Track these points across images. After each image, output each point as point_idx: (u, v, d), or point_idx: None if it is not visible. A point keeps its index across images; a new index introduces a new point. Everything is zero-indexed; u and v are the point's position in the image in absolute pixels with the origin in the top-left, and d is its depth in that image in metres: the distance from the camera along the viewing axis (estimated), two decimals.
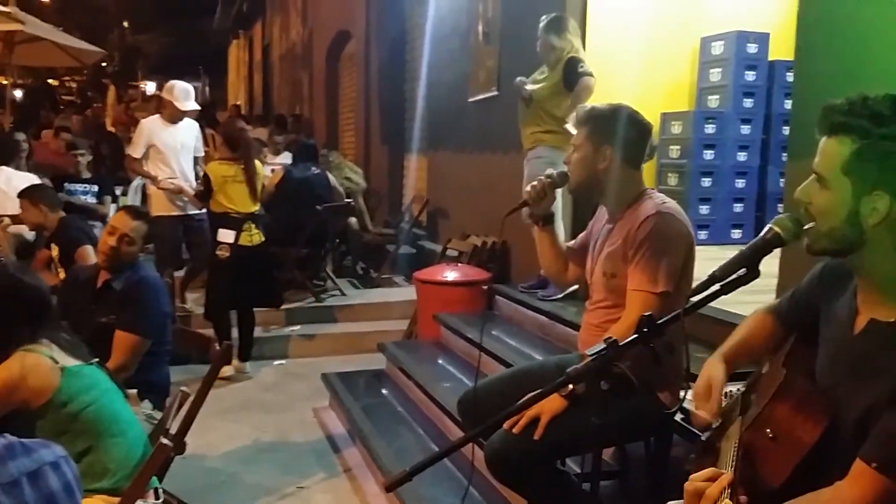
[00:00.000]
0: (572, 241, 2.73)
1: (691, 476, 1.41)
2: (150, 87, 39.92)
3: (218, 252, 5.08)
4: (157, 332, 3.13)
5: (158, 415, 2.94)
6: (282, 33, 16.54)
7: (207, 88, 37.79)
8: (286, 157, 7.50)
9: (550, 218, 2.59)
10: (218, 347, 3.06)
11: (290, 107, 14.99)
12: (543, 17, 4.46)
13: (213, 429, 4.21)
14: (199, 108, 5.92)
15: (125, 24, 34.35)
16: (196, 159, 5.86)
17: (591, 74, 4.24)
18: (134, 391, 2.97)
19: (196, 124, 5.98)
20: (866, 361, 1.48)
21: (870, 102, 1.38)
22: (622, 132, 2.38)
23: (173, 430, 2.53)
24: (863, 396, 1.46)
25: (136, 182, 8.08)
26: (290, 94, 15.79)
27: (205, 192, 5.16)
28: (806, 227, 1.48)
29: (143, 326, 3.06)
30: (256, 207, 5.24)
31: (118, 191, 7.44)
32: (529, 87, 4.45)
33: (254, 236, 5.17)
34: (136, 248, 3.23)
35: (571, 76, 4.26)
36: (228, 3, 19.26)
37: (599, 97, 4.35)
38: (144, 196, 8.29)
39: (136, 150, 5.60)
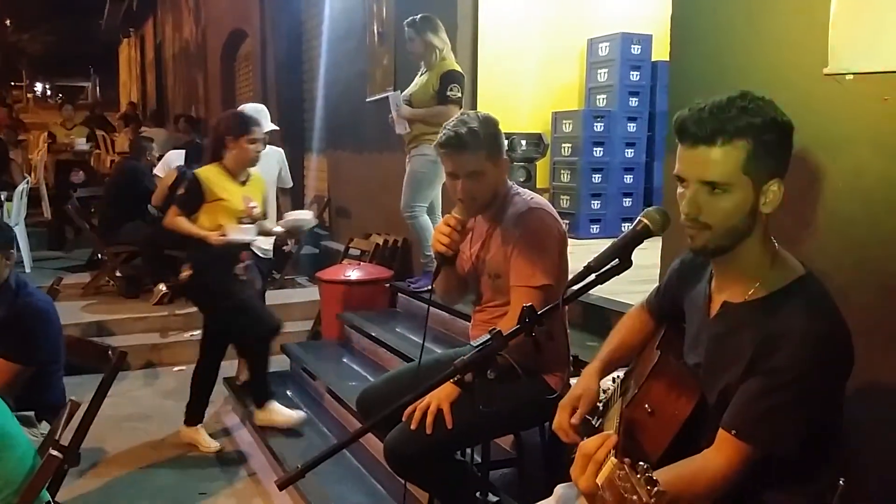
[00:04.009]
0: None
1: (581, 443, 1.49)
2: (40, 88, 38.11)
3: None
4: (50, 354, 2.93)
5: None
6: (174, 32, 16.06)
7: (98, 89, 36.40)
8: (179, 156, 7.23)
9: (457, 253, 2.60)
10: (111, 355, 2.98)
11: (186, 107, 14.59)
12: (412, 17, 4.43)
13: (111, 438, 4.10)
14: (276, 128, 4.86)
15: (7, 22, 32.69)
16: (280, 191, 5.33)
17: (459, 102, 4.22)
18: (31, 413, 2.81)
19: (281, 151, 5.23)
20: (720, 342, 1.59)
21: (739, 103, 1.44)
22: (502, 141, 2.45)
23: (67, 441, 2.47)
24: (720, 375, 1.57)
25: (22, 186, 7.74)
26: (185, 93, 15.36)
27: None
28: (693, 231, 1.51)
29: (29, 355, 2.83)
30: None
31: (2, 196, 7.12)
32: (404, 107, 4.41)
33: None
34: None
35: (445, 91, 4.25)
36: (117, 1, 18.55)
37: (496, 98, 4.45)
38: (30, 200, 7.94)
39: None
